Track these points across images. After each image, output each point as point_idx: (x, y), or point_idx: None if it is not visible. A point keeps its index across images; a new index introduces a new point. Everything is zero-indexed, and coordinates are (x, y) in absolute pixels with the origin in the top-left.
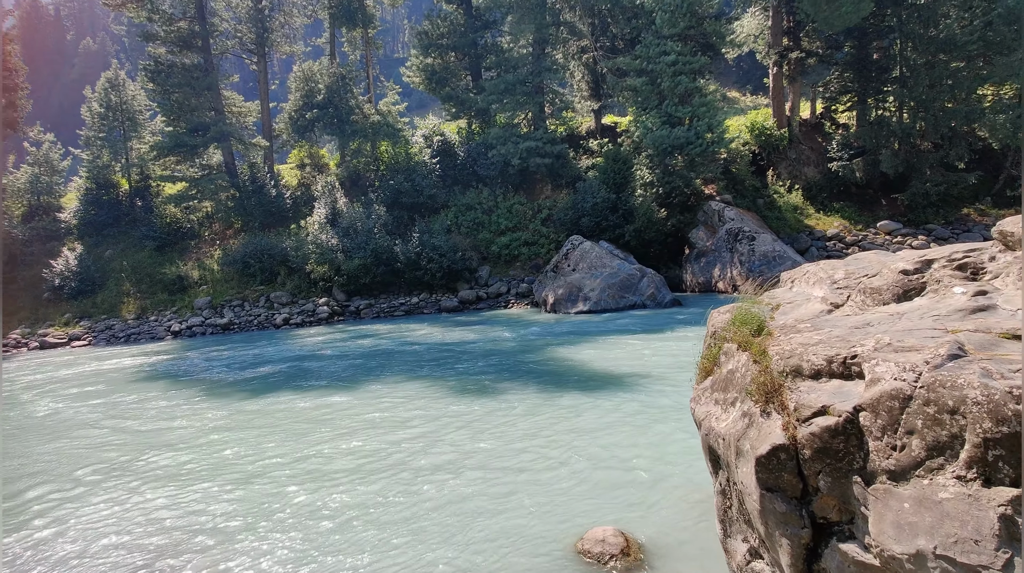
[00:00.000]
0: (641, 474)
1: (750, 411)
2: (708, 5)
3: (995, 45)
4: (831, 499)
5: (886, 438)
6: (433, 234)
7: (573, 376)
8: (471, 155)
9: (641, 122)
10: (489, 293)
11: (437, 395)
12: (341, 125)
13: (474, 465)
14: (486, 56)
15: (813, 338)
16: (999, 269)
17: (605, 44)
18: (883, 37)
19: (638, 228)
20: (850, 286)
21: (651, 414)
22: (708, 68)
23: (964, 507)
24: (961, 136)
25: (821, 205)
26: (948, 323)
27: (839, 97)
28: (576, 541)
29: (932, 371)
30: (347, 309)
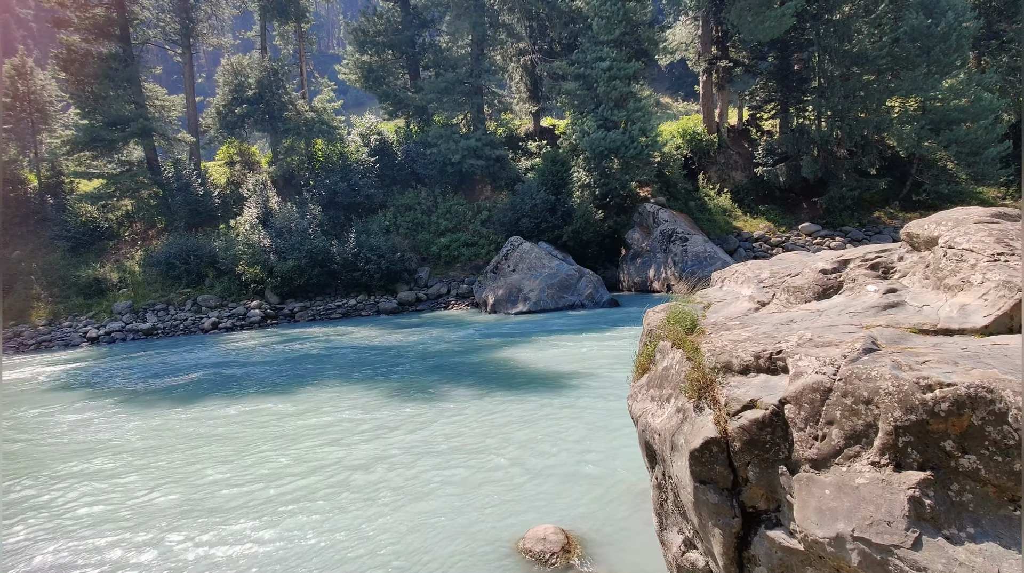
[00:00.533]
0: (582, 471)
1: (684, 407)
2: (642, 13)
3: (901, 60)
4: (759, 489)
5: (809, 429)
6: (371, 235)
7: (513, 376)
8: (410, 155)
9: (578, 125)
10: (429, 294)
11: (375, 398)
12: (273, 121)
13: (413, 468)
14: (424, 55)
15: (742, 335)
16: (907, 268)
17: (543, 47)
18: (803, 49)
19: (576, 229)
20: (775, 285)
21: (590, 412)
22: (642, 74)
23: (878, 491)
24: (872, 144)
25: (748, 208)
26: (863, 319)
27: (764, 105)
28: (518, 540)
29: (849, 365)
30: (281, 312)
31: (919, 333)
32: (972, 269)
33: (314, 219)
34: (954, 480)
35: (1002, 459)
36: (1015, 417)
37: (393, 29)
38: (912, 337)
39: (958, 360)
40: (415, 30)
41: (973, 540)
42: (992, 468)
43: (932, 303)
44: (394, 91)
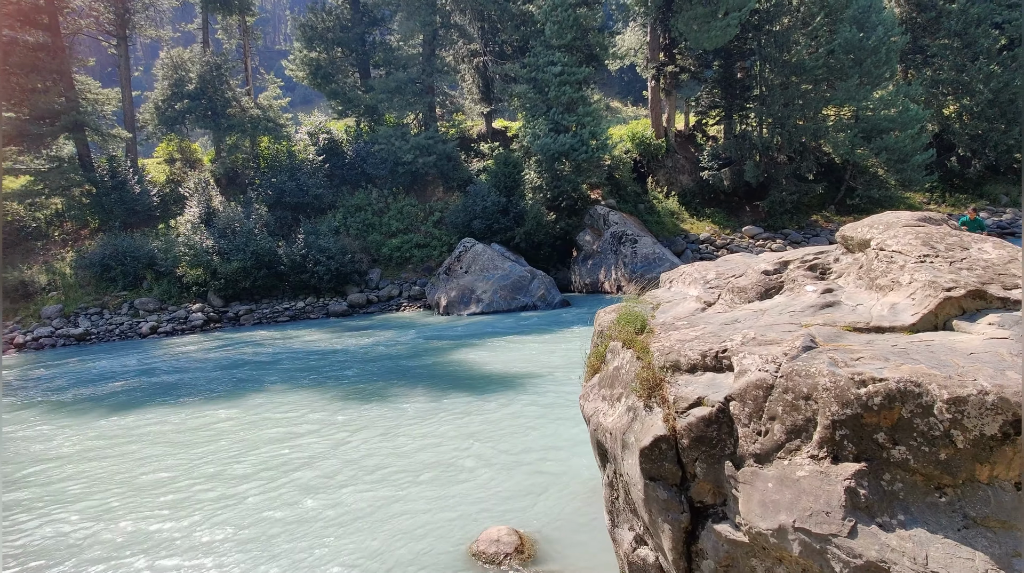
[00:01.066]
0: (535, 471)
1: (634, 405)
2: (593, 19)
3: (836, 71)
4: (707, 484)
5: (752, 424)
6: (320, 235)
7: (466, 378)
8: (360, 154)
9: (530, 128)
10: (380, 296)
11: (324, 403)
12: (216, 118)
13: (364, 473)
14: (374, 53)
15: (689, 335)
16: (842, 269)
17: (494, 49)
18: (746, 58)
19: (528, 231)
20: (720, 286)
21: (542, 412)
22: (592, 78)
23: (817, 483)
24: (810, 151)
25: (695, 210)
26: (802, 318)
27: (709, 111)
28: (471, 543)
29: (790, 362)
30: (225, 315)
31: (854, 331)
32: (901, 270)
33: (260, 219)
34: (886, 470)
35: (929, 449)
36: (940, 409)
37: (342, 26)
38: (847, 335)
39: (889, 356)
40: (365, 28)
41: (904, 526)
42: (920, 458)
43: (865, 302)
44: (343, 89)
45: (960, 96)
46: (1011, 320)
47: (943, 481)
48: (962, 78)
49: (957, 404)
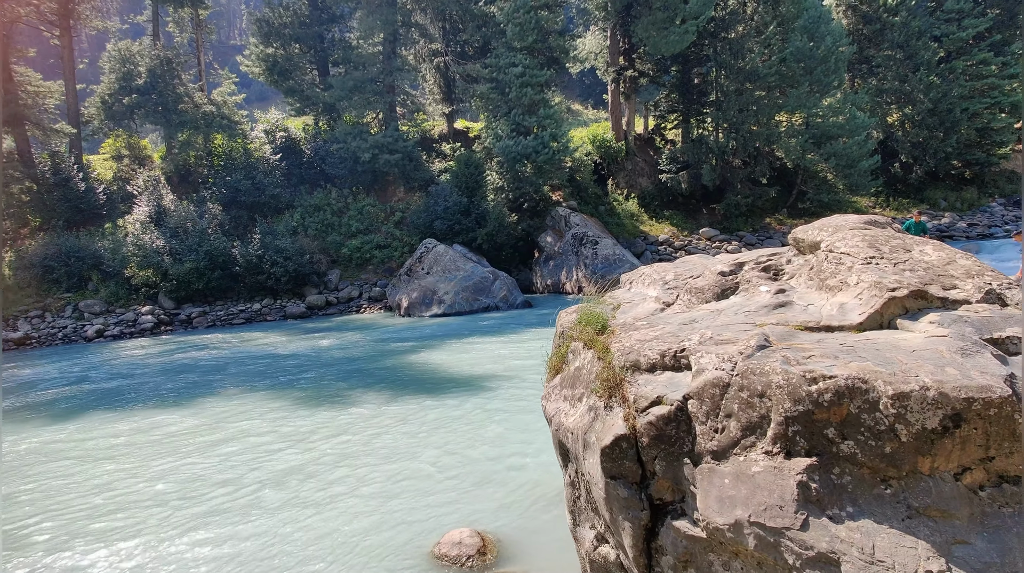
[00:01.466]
0: (498, 472)
1: (595, 405)
2: (554, 22)
3: (788, 79)
4: (666, 481)
5: (710, 422)
6: (277, 236)
7: (427, 380)
8: (318, 153)
9: (492, 129)
10: (340, 298)
11: (283, 407)
12: (167, 114)
13: (322, 477)
14: (333, 51)
15: (649, 335)
16: (794, 270)
17: (456, 49)
18: (703, 64)
19: (490, 232)
20: (679, 286)
21: (504, 413)
22: (554, 81)
23: (771, 478)
24: (764, 155)
25: (654, 213)
26: (757, 318)
27: (667, 115)
28: (433, 546)
29: (745, 361)
30: (176, 318)
31: (805, 330)
32: (849, 271)
33: (214, 219)
34: (835, 464)
35: (875, 443)
36: (885, 405)
37: (300, 22)
38: (799, 334)
39: (838, 354)
40: (324, 25)
41: (852, 518)
42: (867, 452)
43: (816, 302)
44: (301, 87)
45: (902, 105)
46: (949, 319)
47: (888, 473)
48: (904, 88)
49: (901, 399)
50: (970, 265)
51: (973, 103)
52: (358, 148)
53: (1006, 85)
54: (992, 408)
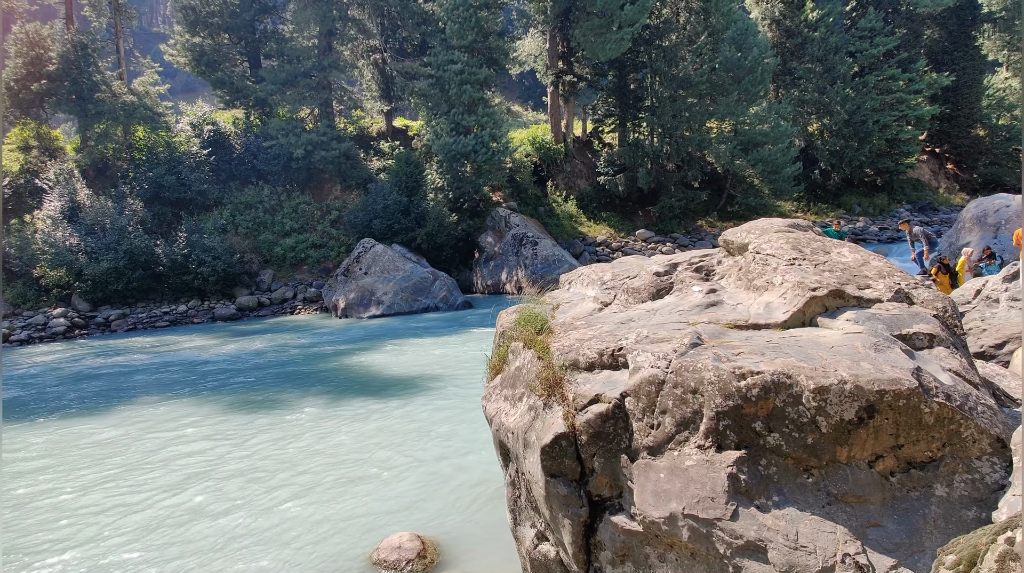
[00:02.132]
0: (438, 475)
1: (535, 404)
2: (494, 23)
3: (718, 87)
4: (604, 478)
5: (646, 419)
6: (205, 234)
7: (365, 382)
8: (250, 149)
9: (431, 127)
10: (273, 299)
11: (210, 413)
12: (81, 102)
13: (257, 485)
14: (266, 43)
15: (587, 334)
16: (724, 271)
17: (395, 46)
18: (638, 71)
19: (430, 232)
20: (616, 286)
21: (445, 415)
22: (493, 81)
23: (703, 471)
24: (696, 160)
25: (592, 214)
26: (690, 317)
27: (605, 119)
28: (372, 551)
29: (679, 358)
30: (93, 321)
31: (735, 328)
32: (774, 272)
33: (135, 215)
34: (762, 456)
35: (798, 435)
36: (807, 398)
37: (230, 11)
38: (729, 332)
39: (765, 351)
40: (255, 14)
41: (778, 507)
42: (791, 443)
43: (744, 302)
44: (231, 79)
45: (821, 115)
46: (864, 316)
47: (810, 463)
48: (823, 99)
49: (821, 393)
50: (882, 266)
51: (883, 115)
52: (291, 144)
53: (911, 99)
54: (901, 399)
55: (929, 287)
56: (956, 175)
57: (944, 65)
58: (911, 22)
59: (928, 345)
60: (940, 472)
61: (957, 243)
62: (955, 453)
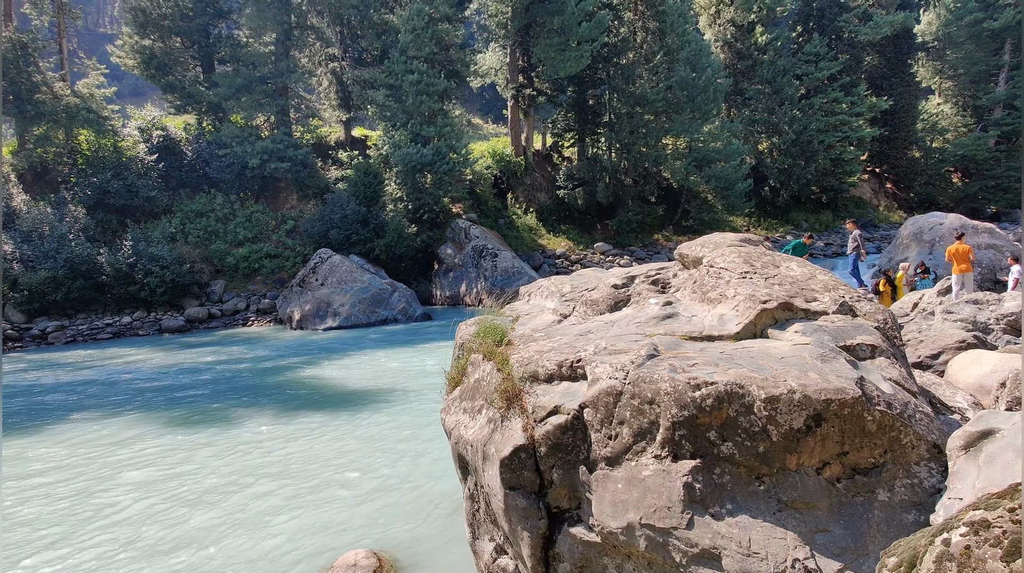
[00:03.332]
0: (396, 489)
1: (495, 417)
2: (454, 35)
3: (673, 105)
4: (563, 489)
5: (604, 429)
6: (152, 242)
7: (319, 396)
8: (202, 156)
9: (390, 137)
10: (224, 310)
11: (154, 430)
12: (19, 104)
13: (205, 503)
14: (220, 47)
15: (547, 346)
16: (680, 283)
17: (354, 55)
18: (597, 87)
19: (389, 243)
20: (575, 299)
21: (403, 428)
22: (454, 93)
23: (660, 481)
24: (652, 175)
25: (551, 227)
26: (647, 329)
27: (564, 134)
28: (326, 570)
29: (636, 369)
30: (28, 333)
31: (690, 339)
32: (727, 285)
33: (76, 222)
34: (716, 465)
35: (750, 443)
36: (759, 407)
37: (182, 14)
38: (685, 343)
39: (719, 362)
40: (209, 18)
41: (731, 514)
42: (743, 452)
43: (699, 314)
44: (183, 83)
45: (771, 135)
46: (811, 328)
47: (762, 471)
48: (772, 119)
49: (772, 402)
50: (827, 280)
51: (828, 136)
52: (246, 153)
53: (853, 121)
54: (846, 408)
55: (871, 300)
56: (894, 194)
57: (883, 90)
58: (853, 48)
59: (870, 355)
60: (882, 478)
61: (896, 258)
62: (896, 459)
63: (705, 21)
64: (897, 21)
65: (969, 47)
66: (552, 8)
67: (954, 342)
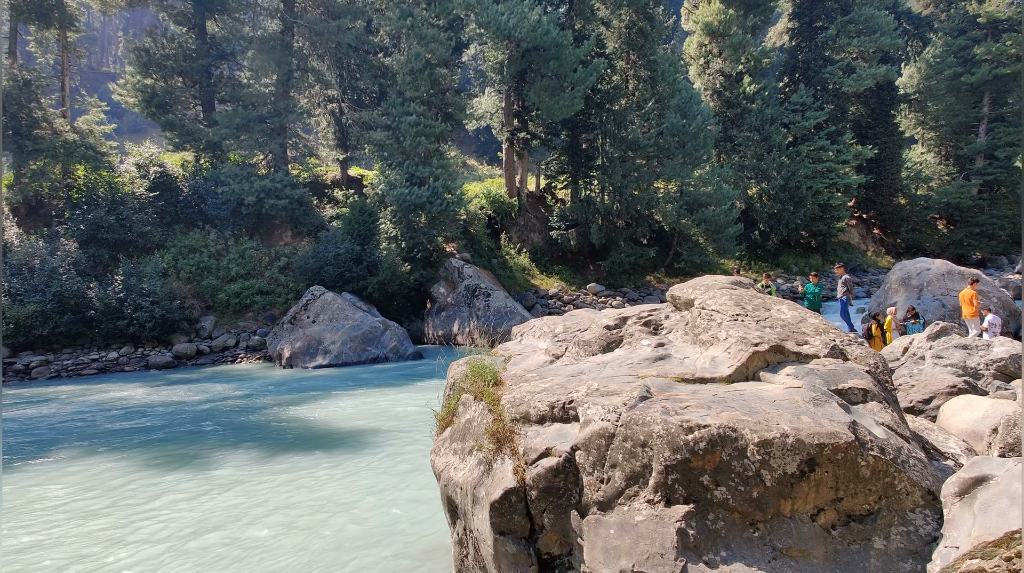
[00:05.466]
0: (384, 535)
1: (485, 458)
2: (451, 79)
3: (665, 150)
4: (554, 534)
5: (596, 472)
6: (143, 277)
7: (306, 436)
8: (198, 192)
9: (386, 176)
10: (213, 346)
11: (129, 471)
12: (18, 138)
13: (176, 553)
14: (221, 87)
15: (539, 386)
16: (672, 325)
17: (353, 96)
18: (590, 131)
19: (382, 281)
20: (568, 339)
21: (390, 471)
22: (450, 135)
23: (653, 526)
24: (644, 218)
25: (544, 267)
26: (639, 370)
27: (558, 176)
28: None
29: (628, 411)
30: (10, 368)
31: (682, 381)
32: (719, 327)
33: (68, 256)
34: (710, 510)
35: (744, 488)
36: (752, 451)
37: (185, 55)
38: (677, 385)
39: (711, 404)
40: (212, 60)
41: (725, 562)
42: (737, 497)
43: (691, 355)
44: (183, 121)
45: (760, 180)
46: (803, 371)
47: (756, 517)
48: (761, 165)
49: (765, 446)
50: (818, 323)
51: (816, 182)
52: (244, 191)
53: (840, 169)
54: (840, 453)
55: (861, 344)
56: (882, 239)
57: (868, 139)
58: (837, 99)
59: (862, 400)
60: (878, 525)
61: (885, 303)
62: (891, 506)
63: (695, 71)
64: (879, 74)
65: (949, 99)
66: (548, 54)
67: (945, 387)
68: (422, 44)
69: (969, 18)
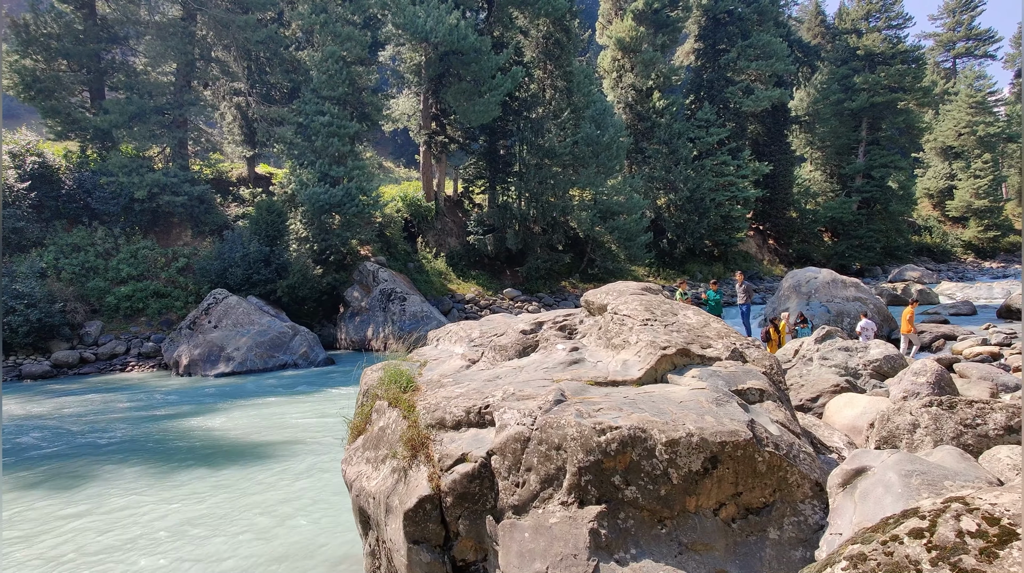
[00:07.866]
0: (289, 551)
1: (399, 466)
2: (367, 78)
3: (580, 159)
4: (469, 541)
5: (512, 477)
6: (17, 278)
7: (205, 450)
8: (83, 186)
9: (297, 175)
10: (100, 354)
11: (10, 491)
12: None
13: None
14: (112, 74)
15: (455, 392)
16: (586, 330)
17: (261, 91)
18: (508, 138)
19: (292, 284)
20: (484, 344)
21: (299, 483)
22: (365, 135)
23: (567, 528)
24: (560, 225)
25: (461, 272)
26: (554, 374)
27: (475, 180)
28: None
29: (543, 415)
30: None
31: (595, 385)
32: (630, 331)
33: None
34: (621, 509)
35: (653, 487)
36: (660, 451)
37: (73, 37)
38: (591, 389)
39: (623, 406)
40: (102, 44)
41: (635, 560)
42: (646, 495)
43: (604, 359)
44: (67, 108)
45: (668, 191)
46: (707, 373)
47: (663, 514)
48: (669, 177)
49: (672, 446)
50: (720, 327)
51: (718, 194)
52: (133, 184)
53: (740, 183)
54: (739, 449)
55: (758, 347)
56: (776, 249)
57: (764, 156)
58: (738, 117)
59: (759, 399)
60: (772, 516)
61: (779, 308)
62: (784, 498)
63: (608, 84)
64: (774, 96)
65: (833, 123)
66: (467, 59)
67: (830, 386)
68: (336, 42)
69: (850, 50)
